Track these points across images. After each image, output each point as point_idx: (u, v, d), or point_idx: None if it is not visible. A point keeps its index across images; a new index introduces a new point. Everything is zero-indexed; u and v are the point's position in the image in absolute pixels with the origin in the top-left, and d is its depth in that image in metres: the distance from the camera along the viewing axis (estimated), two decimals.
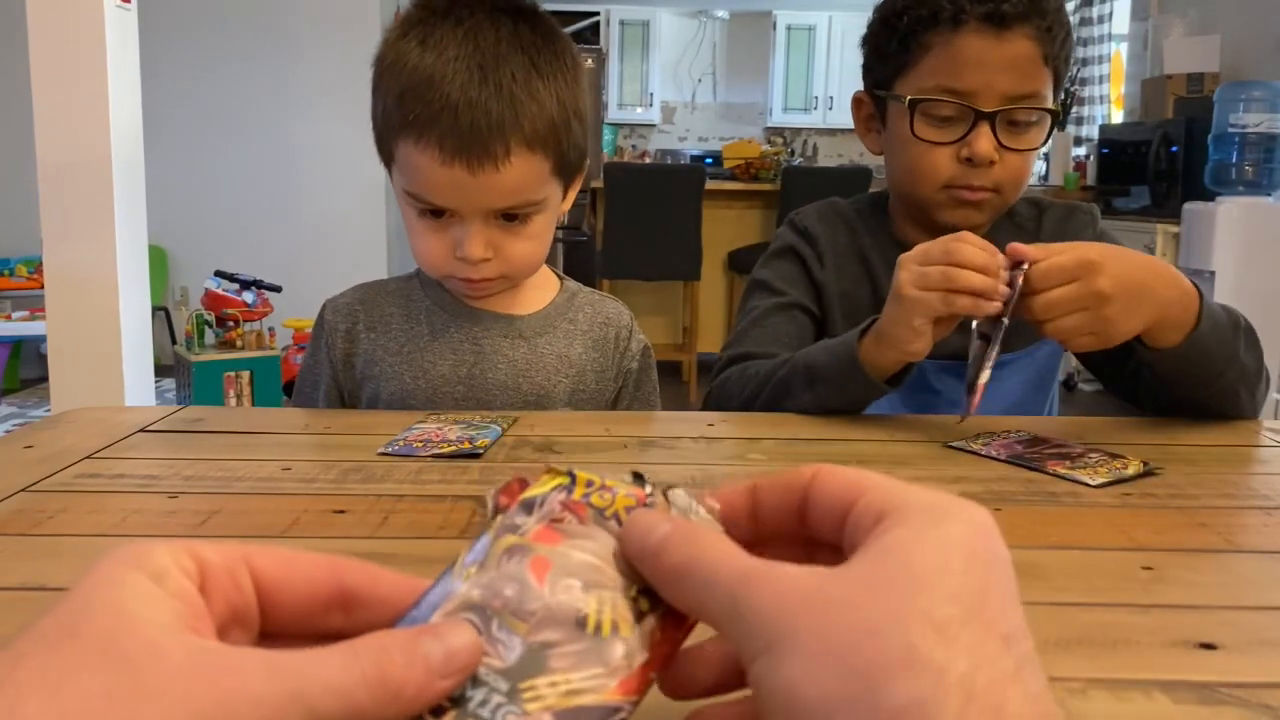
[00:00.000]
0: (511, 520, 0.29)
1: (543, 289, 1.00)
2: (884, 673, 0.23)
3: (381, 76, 0.87)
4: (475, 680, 0.26)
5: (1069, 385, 4.42)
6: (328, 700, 0.23)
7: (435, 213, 0.87)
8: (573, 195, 0.96)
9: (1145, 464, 0.72)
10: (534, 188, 0.88)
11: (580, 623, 0.27)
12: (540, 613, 0.27)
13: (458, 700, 0.25)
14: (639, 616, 0.28)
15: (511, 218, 0.88)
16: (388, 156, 0.90)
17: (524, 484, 0.30)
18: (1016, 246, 0.77)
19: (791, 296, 1.04)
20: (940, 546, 0.26)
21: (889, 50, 0.98)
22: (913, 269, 0.79)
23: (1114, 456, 0.74)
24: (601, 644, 0.27)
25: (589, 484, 0.31)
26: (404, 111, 0.84)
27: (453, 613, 0.27)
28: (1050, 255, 0.76)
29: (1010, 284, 0.76)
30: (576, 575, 0.28)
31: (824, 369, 0.87)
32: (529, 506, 0.30)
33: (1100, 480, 0.69)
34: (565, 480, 0.30)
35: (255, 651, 0.24)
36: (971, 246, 0.78)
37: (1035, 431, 0.81)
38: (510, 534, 0.29)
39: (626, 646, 0.27)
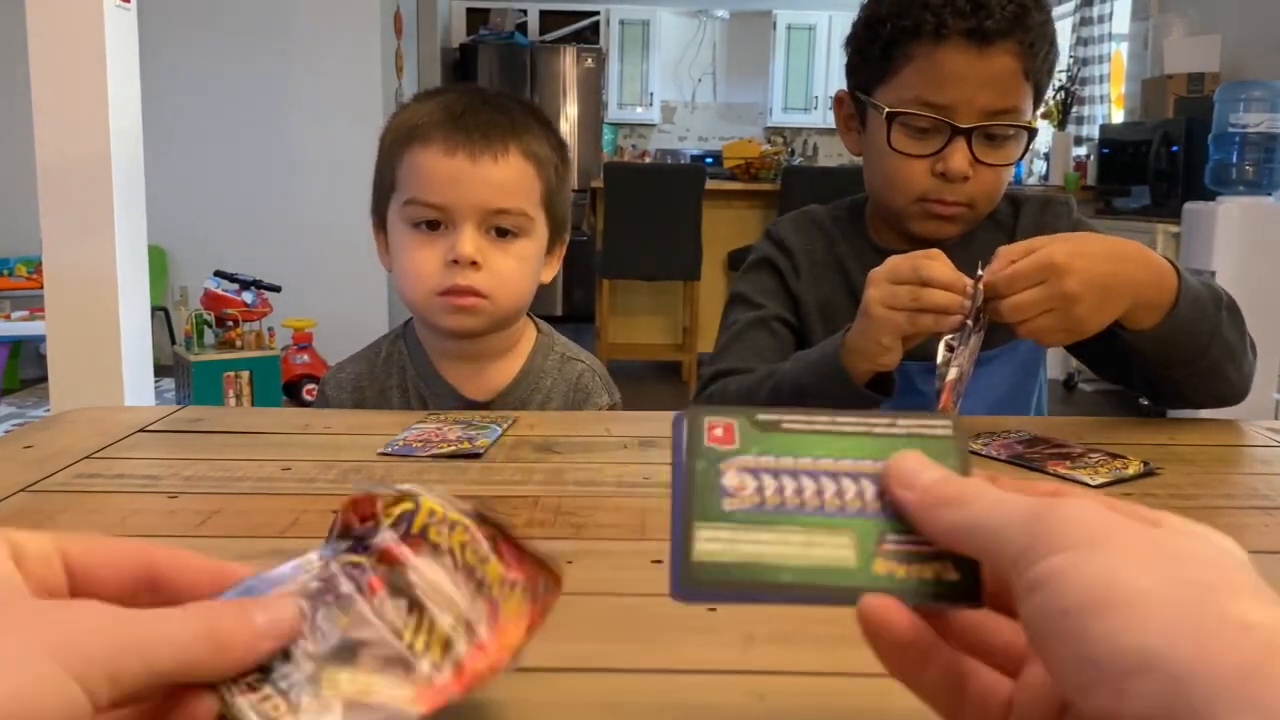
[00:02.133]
0: (358, 536, 0.33)
1: (519, 349, 1.00)
2: (1225, 592, 0.23)
3: (385, 136, 0.94)
4: (288, 655, 0.29)
5: (1069, 385, 4.42)
6: (164, 650, 0.26)
7: (430, 225, 0.90)
8: (557, 262, 1.00)
9: (1145, 464, 0.72)
10: (527, 195, 0.91)
11: (396, 634, 0.30)
12: (362, 617, 0.30)
13: (266, 670, 0.28)
14: (448, 645, 0.30)
15: (503, 233, 0.91)
16: (386, 191, 0.94)
17: (372, 502, 0.33)
18: (1000, 248, 0.77)
19: (769, 309, 1.04)
20: (1235, 544, 0.27)
21: (871, 55, 0.98)
22: (882, 287, 0.79)
23: (1114, 456, 0.74)
24: (410, 657, 0.30)
25: (431, 514, 0.33)
26: (409, 130, 0.90)
27: (288, 594, 0.30)
28: (1017, 256, 0.76)
29: (972, 295, 0.77)
30: (404, 595, 0.31)
31: (811, 387, 0.87)
32: (373, 531, 0.33)
33: (1100, 480, 0.69)
34: (410, 507, 0.33)
35: (98, 603, 0.27)
36: (940, 264, 0.78)
37: (1035, 431, 0.81)
38: (355, 553, 0.32)
39: (432, 666, 0.30)
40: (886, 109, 0.95)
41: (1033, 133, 0.97)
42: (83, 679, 0.24)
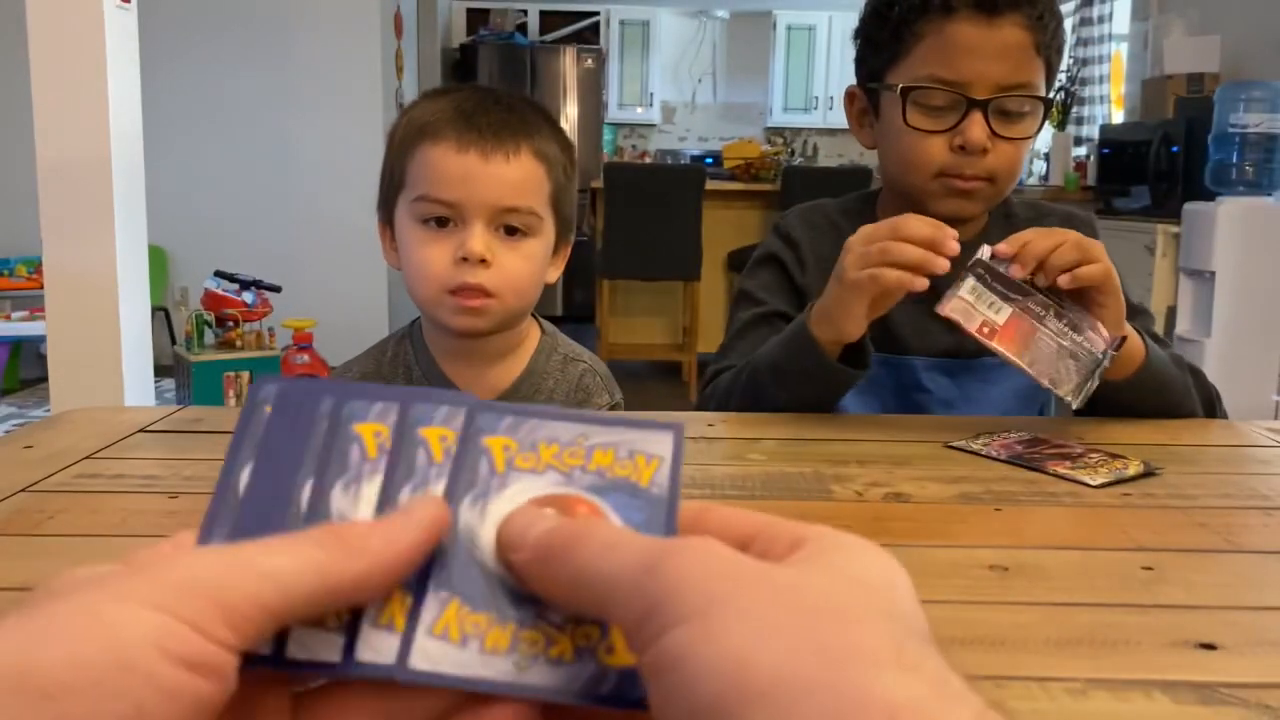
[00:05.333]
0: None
1: (522, 348, 1.01)
2: (865, 662, 0.20)
3: (394, 132, 0.94)
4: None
5: None
6: (282, 569, 0.23)
7: (440, 222, 0.90)
8: (562, 262, 1.00)
9: (1145, 464, 0.72)
10: (536, 195, 0.92)
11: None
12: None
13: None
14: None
15: (512, 231, 0.91)
16: (395, 187, 0.94)
17: None
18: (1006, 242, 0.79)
19: (772, 305, 1.04)
20: (882, 567, 0.23)
21: (881, 40, 0.99)
22: (856, 250, 0.80)
23: (1114, 456, 0.74)
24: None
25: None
26: (420, 127, 0.90)
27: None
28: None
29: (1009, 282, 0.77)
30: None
31: (784, 363, 0.88)
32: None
33: (1100, 480, 0.69)
34: None
35: (202, 548, 0.25)
36: (917, 220, 0.78)
37: (1036, 432, 0.81)
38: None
39: None
40: (901, 85, 0.95)
41: (1049, 105, 0.98)
42: (194, 623, 0.21)
